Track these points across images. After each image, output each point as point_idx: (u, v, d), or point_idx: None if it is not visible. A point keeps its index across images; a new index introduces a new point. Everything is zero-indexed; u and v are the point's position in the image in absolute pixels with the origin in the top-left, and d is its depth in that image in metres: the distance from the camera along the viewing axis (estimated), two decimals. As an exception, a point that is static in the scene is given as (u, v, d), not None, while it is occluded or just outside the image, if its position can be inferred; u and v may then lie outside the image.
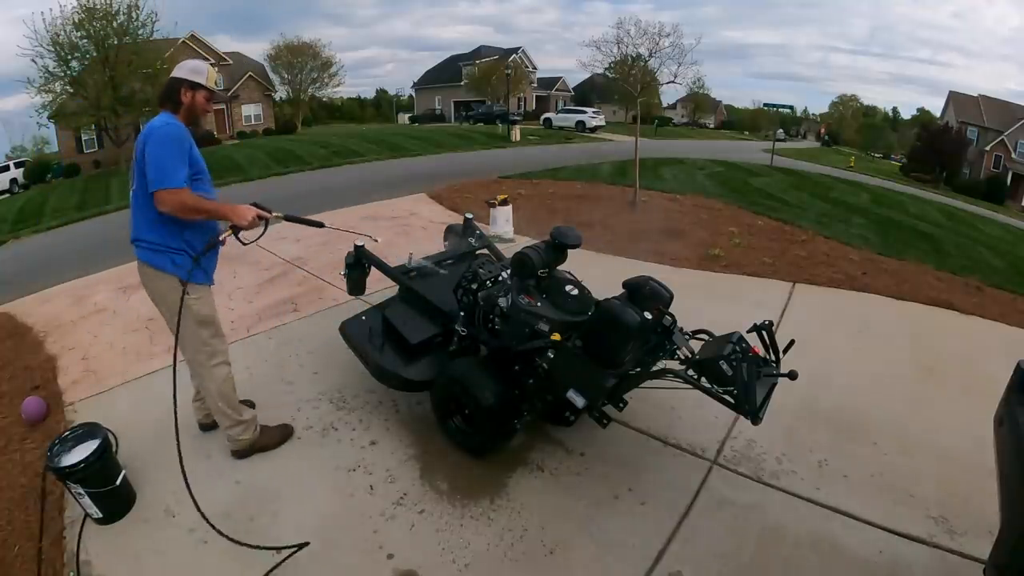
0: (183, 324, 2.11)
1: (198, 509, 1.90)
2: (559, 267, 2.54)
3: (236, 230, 2.15)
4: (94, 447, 2.10)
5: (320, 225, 2.69)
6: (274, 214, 2.27)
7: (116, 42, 17.85)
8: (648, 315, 2.14)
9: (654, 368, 2.18)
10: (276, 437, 2.59)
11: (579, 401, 2.13)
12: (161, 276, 2.19)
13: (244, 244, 2.24)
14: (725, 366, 1.88)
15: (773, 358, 2.06)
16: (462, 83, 39.62)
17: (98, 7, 17.44)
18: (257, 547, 1.95)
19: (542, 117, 30.93)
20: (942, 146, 31.11)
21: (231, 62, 31.23)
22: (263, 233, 2.29)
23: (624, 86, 10.47)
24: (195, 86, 2.20)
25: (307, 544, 2.02)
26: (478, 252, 3.44)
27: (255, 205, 2.23)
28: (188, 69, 2.23)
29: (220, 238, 2.16)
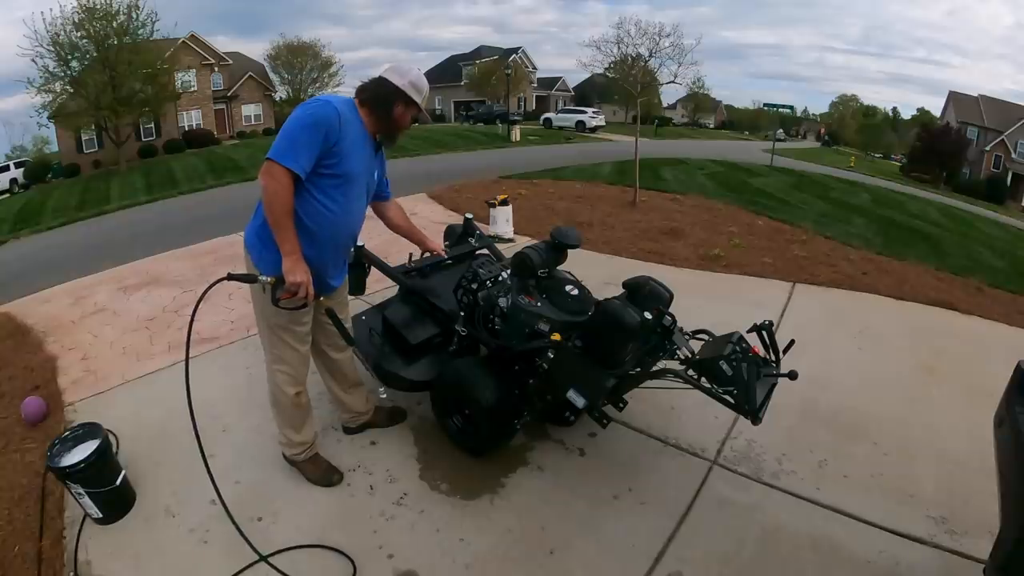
0: (258, 318, 2.08)
1: (218, 493, 1.97)
2: (559, 267, 2.54)
3: (279, 282, 1.85)
4: (94, 447, 2.09)
5: (351, 341, 2.26)
6: (323, 299, 2.02)
7: (116, 42, 17.88)
8: (648, 315, 2.13)
9: (654, 368, 2.18)
10: (318, 473, 2.36)
11: (579, 401, 2.13)
12: (249, 263, 2.01)
13: (274, 302, 1.90)
14: (725, 366, 1.88)
15: (773, 358, 2.05)
16: (462, 83, 39.62)
17: (98, 7, 17.48)
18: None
19: (542, 117, 30.95)
20: (942, 146, 31.12)
21: (231, 62, 31.26)
22: (296, 308, 1.96)
23: (624, 86, 10.47)
24: (411, 103, 2.00)
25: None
26: (478, 252, 3.44)
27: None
28: (410, 81, 1.98)
29: (262, 279, 1.86)
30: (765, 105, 35.40)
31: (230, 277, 1.85)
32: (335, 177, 1.91)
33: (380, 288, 4.00)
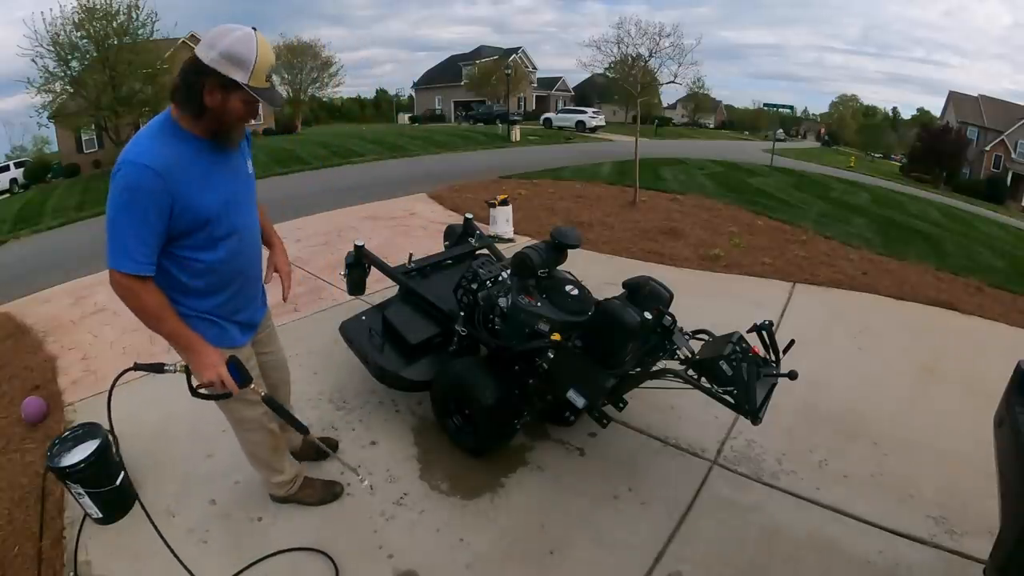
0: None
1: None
2: (559, 267, 2.54)
3: (189, 373, 1.62)
4: (94, 447, 2.10)
5: (305, 431, 1.85)
6: (253, 387, 1.65)
7: (116, 42, 17.84)
8: (648, 315, 2.14)
9: (654, 368, 2.18)
10: (317, 495, 2.23)
11: (579, 401, 2.13)
12: None
13: (193, 393, 1.63)
14: (725, 366, 1.88)
15: (773, 358, 2.05)
16: (462, 83, 39.63)
17: (98, 7, 17.44)
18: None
19: (542, 117, 30.92)
20: (942, 146, 31.11)
21: (231, 62, 31.21)
22: (211, 397, 1.66)
23: (624, 86, 10.46)
24: (230, 85, 1.43)
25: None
26: (478, 252, 3.44)
27: (232, 363, 1.59)
28: (222, 53, 1.39)
29: (168, 368, 1.61)
30: (765, 105, 35.35)
31: (136, 367, 1.61)
32: (200, 229, 1.53)
33: (380, 288, 4.00)
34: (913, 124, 54.01)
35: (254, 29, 1.45)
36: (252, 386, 1.65)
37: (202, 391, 1.63)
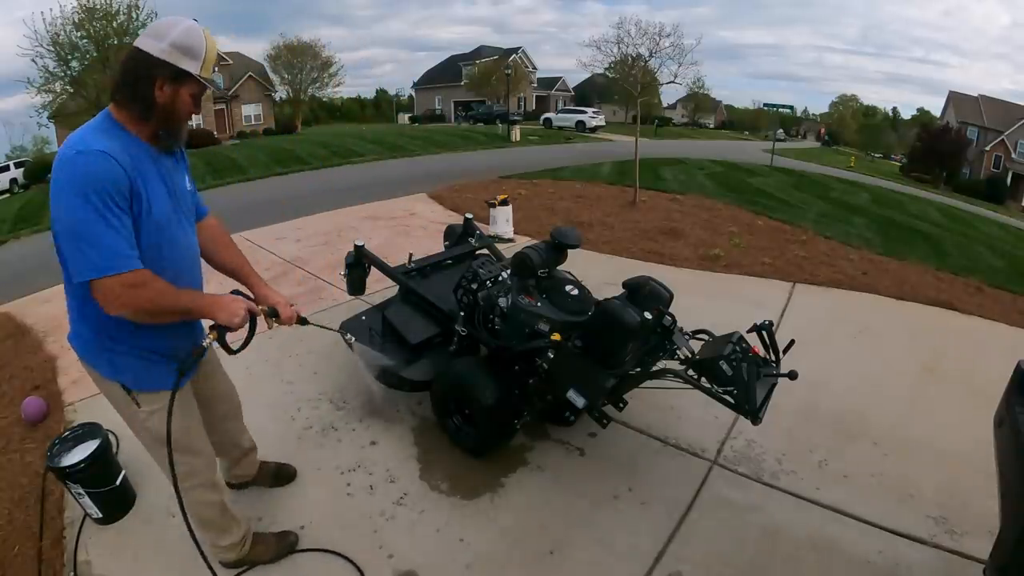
0: (142, 441, 1.63)
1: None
2: (559, 267, 2.54)
3: (223, 331, 1.48)
4: (94, 447, 2.09)
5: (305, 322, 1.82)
6: (260, 308, 1.61)
7: (116, 42, 17.83)
8: (648, 315, 2.14)
9: (654, 368, 2.18)
10: (272, 551, 1.98)
11: (579, 401, 2.13)
12: (101, 380, 1.53)
13: (232, 353, 1.56)
14: (725, 366, 1.88)
15: (773, 358, 2.05)
16: (462, 83, 39.63)
17: (98, 7, 17.45)
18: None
19: (542, 117, 30.93)
20: (942, 146, 31.11)
21: (231, 62, 31.27)
22: (251, 335, 1.60)
23: (624, 86, 10.46)
24: (181, 76, 1.35)
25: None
26: (478, 252, 3.44)
27: (237, 293, 1.60)
28: (172, 43, 1.33)
29: (204, 343, 1.51)
30: (765, 105, 35.31)
31: (181, 369, 1.44)
32: (149, 238, 1.39)
33: (380, 288, 4.01)
34: (913, 124, 54.01)
35: (195, 20, 1.40)
36: (260, 307, 1.61)
37: (234, 346, 1.55)
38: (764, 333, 2.03)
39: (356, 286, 3.12)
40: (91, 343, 1.50)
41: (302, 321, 1.75)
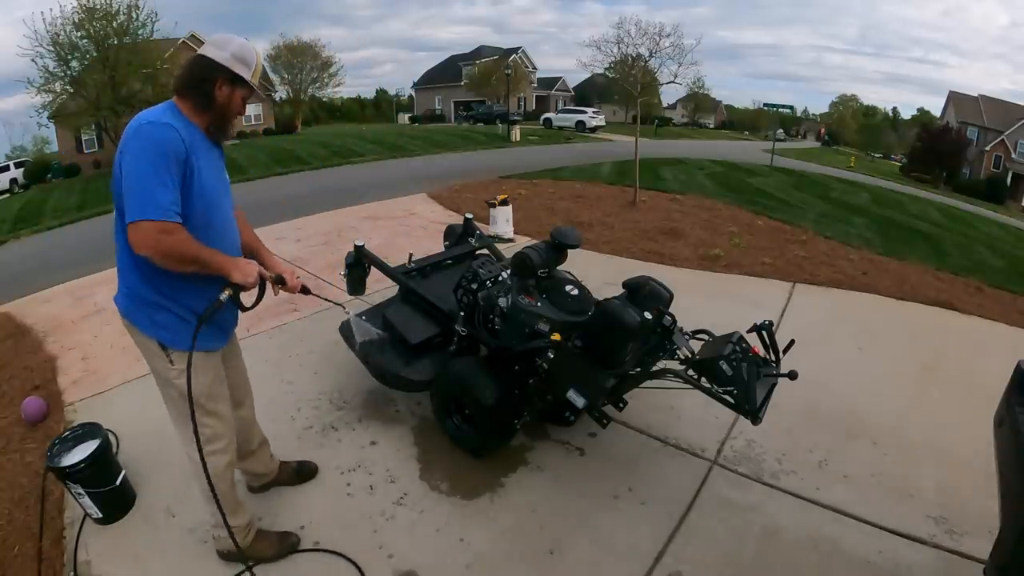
0: (167, 400, 1.75)
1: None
2: (559, 267, 2.54)
3: (237, 290, 1.63)
4: (94, 447, 2.10)
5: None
6: (269, 274, 1.76)
7: (116, 42, 17.86)
8: (648, 315, 2.14)
9: (654, 368, 2.18)
10: (273, 548, 2.01)
11: (579, 401, 2.13)
12: (139, 336, 1.70)
13: (244, 310, 1.75)
14: (725, 366, 1.88)
15: (773, 358, 2.05)
16: (462, 83, 39.62)
17: (98, 7, 17.46)
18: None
19: (542, 117, 30.92)
20: (942, 146, 31.11)
21: (231, 62, 31.21)
22: (261, 296, 1.75)
23: (624, 86, 10.46)
24: (237, 81, 1.63)
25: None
26: (478, 252, 3.44)
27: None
28: (233, 54, 1.61)
29: (221, 297, 1.61)
30: (765, 105, 35.38)
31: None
32: (197, 213, 1.58)
33: (380, 288, 4.01)
34: (913, 124, 54.00)
35: (246, 39, 1.70)
36: (269, 273, 1.76)
37: (247, 303, 1.73)
38: (764, 333, 2.03)
39: (356, 286, 3.12)
40: (135, 298, 1.66)
41: (304, 290, 1.93)
